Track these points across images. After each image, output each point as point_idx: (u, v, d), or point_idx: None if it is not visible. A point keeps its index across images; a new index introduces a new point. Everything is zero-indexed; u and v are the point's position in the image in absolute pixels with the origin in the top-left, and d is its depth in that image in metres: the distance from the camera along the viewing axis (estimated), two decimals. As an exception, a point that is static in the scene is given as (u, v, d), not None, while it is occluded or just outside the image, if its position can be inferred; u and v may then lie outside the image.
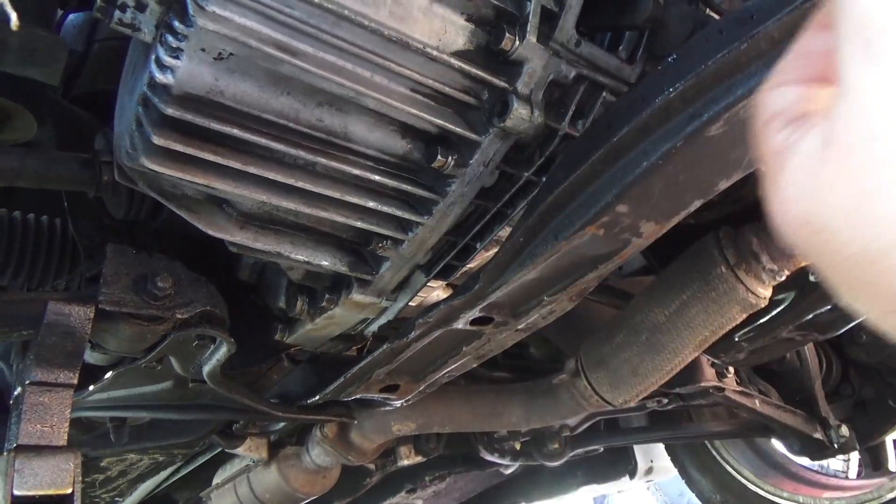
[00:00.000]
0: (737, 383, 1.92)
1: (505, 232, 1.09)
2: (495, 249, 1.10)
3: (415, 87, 0.88)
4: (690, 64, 0.80)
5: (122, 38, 0.87)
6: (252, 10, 0.76)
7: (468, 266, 1.18)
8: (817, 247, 0.33)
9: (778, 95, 0.39)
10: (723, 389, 1.88)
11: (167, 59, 0.79)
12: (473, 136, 0.92)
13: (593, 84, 0.94)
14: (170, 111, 0.80)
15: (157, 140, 0.81)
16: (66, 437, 0.87)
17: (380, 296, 1.14)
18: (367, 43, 0.82)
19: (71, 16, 1.44)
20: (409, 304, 1.23)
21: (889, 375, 2.12)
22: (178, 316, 1.03)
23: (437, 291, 1.36)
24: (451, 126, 0.91)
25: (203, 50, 0.79)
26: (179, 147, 0.83)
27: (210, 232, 0.96)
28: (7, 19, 0.65)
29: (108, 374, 1.22)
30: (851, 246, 0.31)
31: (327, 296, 1.14)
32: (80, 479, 0.85)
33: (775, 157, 0.37)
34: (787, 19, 0.75)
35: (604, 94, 0.96)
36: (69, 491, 0.82)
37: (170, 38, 0.78)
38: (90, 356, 1.14)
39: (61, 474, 0.82)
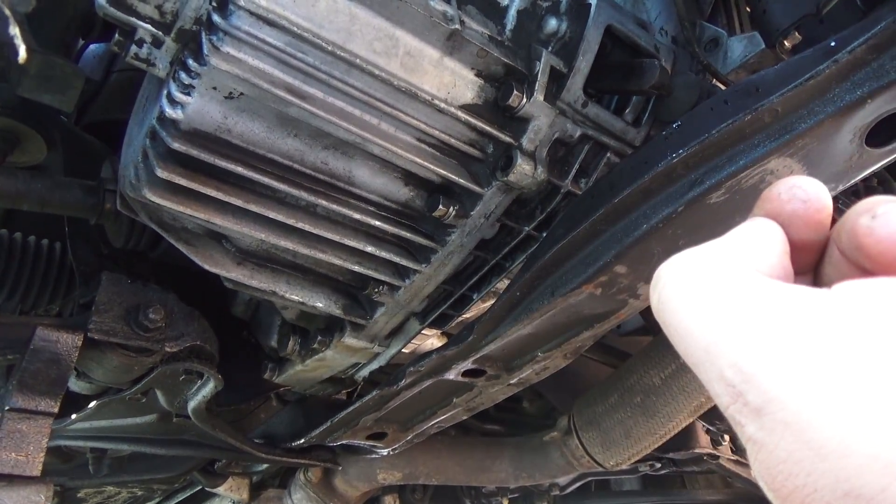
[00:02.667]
0: (732, 452, 1.88)
1: (503, 284, 1.09)
2: (492, 301, 1.10)
3: (421, 137, 0.89)
4: (694, 131, 0.81)
5: (139, 70, 0.89)
6: (266, 53, 0.77)
7: (464, 316, 1.17)
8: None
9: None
10: (717, 457, 1.85)
11: (178, 95, 0.80)
12: (476, 189, 0.92)
13: (598, 144, 0.95)
14: (176, 145, 0.81)
15: (161, 173, 0.82)
16: (40, 468, 0.85)
17: (373, 341, 1.13)
18: (376, 91, 0.84)
19: (92, 46, 1.47)
20: (402, 350, 1.21)
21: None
22: (168, 349, 1.02)
23: (431, 339, 1.34)
24: (454, 177, 0.91)
25: (215, 88, 0.81)
26: (183, 181, 0.83)
27: (207, 267, 0.95)
28: (16, 53, 0.66)
29: (92, 404, 1.20)
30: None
31: (320, 337, 1.12)
32: (51, 512, 0.82)
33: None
34: (790, 94, 0.76)
35: (608, 154, 0.96)
36: (38, 524, 0.80)
37: (183, 75, 0.79)
38: (75, 384, 1.12)
39: (31, 506, 0.80)
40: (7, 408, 0.86)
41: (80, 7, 1.29)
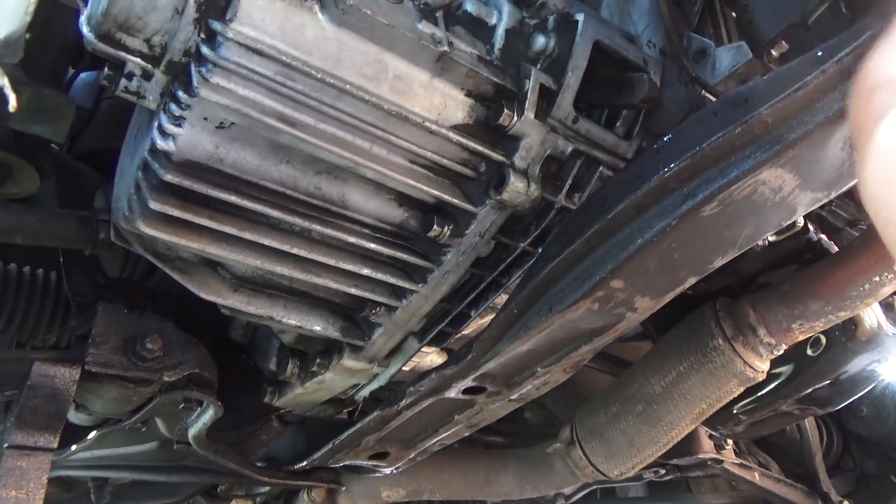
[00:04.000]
0: (736, 455, 1.88)
1: (501, 299, 1.09)
2: (491, 316, 1.10)
3: (413, 159, 0.89)
4: (685, 145, 0.82)
5: (130, 99, 0.89)
6: (256, 82, 0.78)
7: (463, 332, 1.17)
8: (890, 216, 0.35)
9: (881, 67, 0.42)
10: (721, 461, 1.84)
11: (169, 127, 0.80)
12: (470, 208, 0.92)
13: (590, 159, 0.96)
14: (168, 177, 0.81)
15: (154, 205, 0.82)
16: (41, 504, 0.85)
17: (371, 361, 1.13)
18: (367, 115, 0.84)
19: (82, 74, 1.47)
20: (403, 368, 1.21)
21: (891, 450, 2.08)
22: (166, 378, 1.01)
23: (431, 356, 1.34)
24: (447, 197, 0.91)
25: (205, 119, 0.81)
26: (176, 212, 0.83)
27: (202, 295, 0.95)
28: (5, 102, 0.66)
29: (92, 434, 1.19)
30: None
31: (318, 360, 1.12)
32: (54, 549, 0.81)
33: (873, 122, 0.38)
34: (779, 105, 0.77)
35: (600, 168, 0.97)
36: (40, 563, 0.79)
37: (173, 107, 0.79)
38: (74, 416, 1.12)
39: (33, 545, 0.80)
40: (6, 445, 0.86)
41: (70, 36, 1.30)
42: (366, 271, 0.96)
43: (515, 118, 0.88)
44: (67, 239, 1.07)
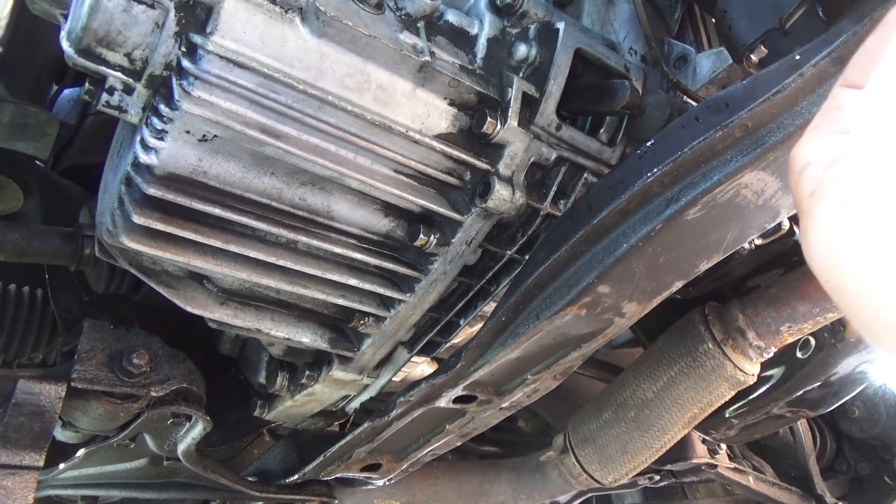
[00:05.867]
0: (730, 460, 1.87)
1: (490, 307, 1.09)
2: (480, 325, 1.09)
3: (398, 168, 0.89)
4: (668, 149, 0.82)
5: (113, 115, 0.89)
6: (237, 94, 0.78)
7: (452, 341, 1.16)
8: (837, 283, 0.36)
9: (810, 147, 0.43)
10: (715, 466, 1.84)
11: (152, 141, 0.79)
12: (456, 216, 0.92)
13: (574, 165, 0.96)
14: (151, 191, 0.80)
15: (138, 219, 0.81)
16: (27, 525, 0.84)
17: (361, 372, 1.12)
18: (350, 126, 0.84)
19: (66, 90, 1.47)
20: (393, 379, 1.21)
21: (884, 451, 2.08)
22: (153, 394, 1.00)
23: (421, 366, 1.34)
24: (433, 206, 0.91)
25: (188, 132, 0.80)
26: (160, 226, 0.83)
27: (189, 309, 0.95)
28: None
29: (80, 452, 1.18)
30: (862, 287, 0.34)
31: (308, 372, 1.12)
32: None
33: (809, 200, 0.40)
34: (759, 109, 0.77)
35: (585, 174, 0.97)
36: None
37: (155, 121, 0.79)
38: (61, 434, 1.11)
39: (19, 566, 0.78)
40: (-9, 465, 0.84)
41: (53, 53, 1.30)
42: (353, 282, 0.96)
43: (499, 126, 0.88)
44: (52, 255, 1.06)
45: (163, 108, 0.78)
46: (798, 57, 0.77)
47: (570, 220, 0.90)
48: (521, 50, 0.91)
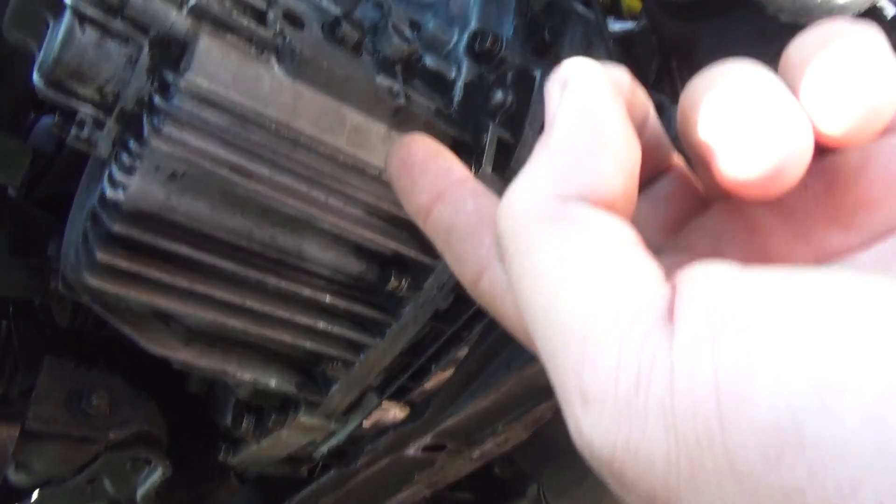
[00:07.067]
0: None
1: (463, 352, 1.07)
2: (453, 369, 1.07)
3: (370, 210, 0.88)
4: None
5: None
6: (209, 133, 0.77)
7: (425, 386, 1.14)
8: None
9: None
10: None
11: (120, 177, 0.78)
12: (428, 260, 0.91)
13: (549, 212, 0.96)
14: (117, 228, 0.79)
15: (101, 257, 0.79)
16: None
17: (329, 418, 1.09)
18: (323, 167, 0.83)
19: (44, 119, 1.46)
20: (364, 424, 1.18)
21: None
22: (112, 436, 0.97)
23: (393, 410, 1.31)
24: (405, 249, 0.90)
25: (157, 168, 0.79)
26: (124, 264, 0.81)
27: (152, 349, 0.92)
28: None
29: (35, 495, 1.13)
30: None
31: (274, 416, 1.08)
32: None
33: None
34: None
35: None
36: None
37: (125, 157, 0.78)
38: (14, 476, 1.06)
39: None
40: (-69, 510, 0.80)
41: (31, 81, 1.29)
42: (321, 325, 0.94)
43: (474, 171, 0.88)
44: (16, 288, 1.04)
45: (132, 144, 0.77)
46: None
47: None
48: (499, 96, 0.91)
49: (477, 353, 0.92)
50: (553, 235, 0.25)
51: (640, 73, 1.06)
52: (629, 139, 0.27)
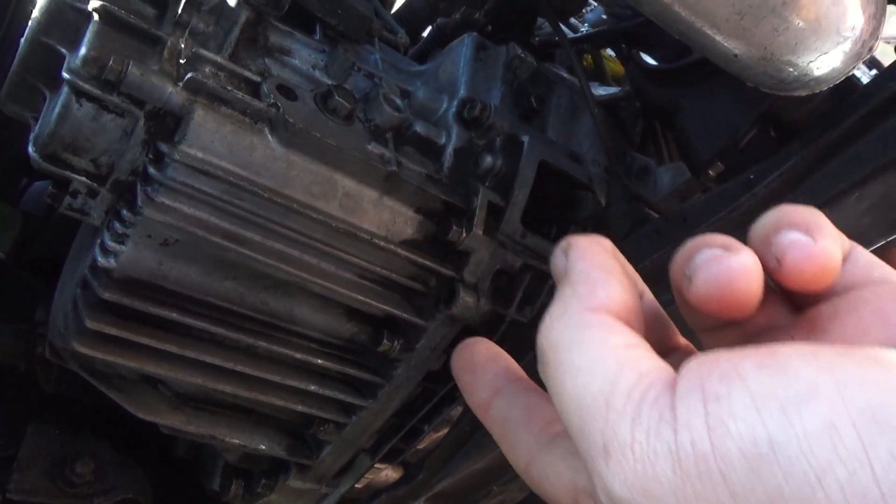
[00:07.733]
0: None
1: (457, 411, 1.06)
2: (446, 430, 1.06)
3: (362, 274, 0.89)
4: (629, 261, 0.83)
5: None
6: (202, 201, 0.78)
7: (418, 447, 1.13)
8: None
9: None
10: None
11: (112, 245, 0.79)
12: (420, 322, 0.91)
13: (539, 273, 0.96)
14: (107, 295, 0.79)
15: (91, 324, 0.79)
16: None
17: (320, 481, 1.08)
18: (315, 232, 0.84)
19: (36, 183, 1.46)
20: (356, 485, 1.16)
21: None
22: (96, 505, 0.94)
23: (386, 471, 1.29)
24: (397, 312, 0.90)
25: (149, 236, 0.80)
26: (113, 331, 0.80)
27: (140, 415, 0.91)
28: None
29: (13, 567, 1.09)
30: None
31: (264, 481, 1.06)
32: None
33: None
34: (716, 225, 0.79)
35: (549, 281, 0.98)
36: None
37: (117, 225, 0.79)
38: (-7, 548, 1.02)
39: None
40: None
41: (24, 147, 1.30)
42: (313, 388, 0.93)
43: (464, 234, 0.89)
44: (1, 353, 1.02)
45: (125, 213, 0.77)
46: (752, 176, 0.80)
47: (535, 327, 0.90)
48: (488, 161, 0.93)
49: (470, 413, 0.91)
50: (583, 337, 0.32)
51: (625, 136, 1.09)
52: (627, 270, 0.36)
